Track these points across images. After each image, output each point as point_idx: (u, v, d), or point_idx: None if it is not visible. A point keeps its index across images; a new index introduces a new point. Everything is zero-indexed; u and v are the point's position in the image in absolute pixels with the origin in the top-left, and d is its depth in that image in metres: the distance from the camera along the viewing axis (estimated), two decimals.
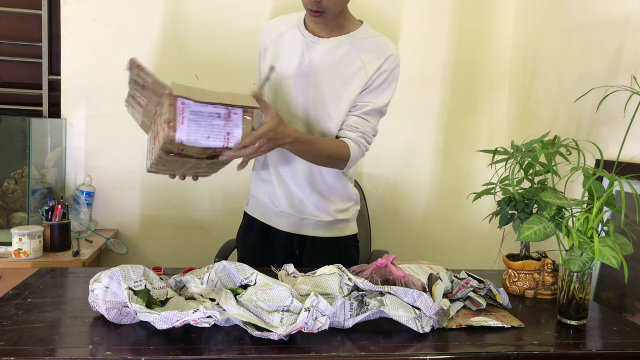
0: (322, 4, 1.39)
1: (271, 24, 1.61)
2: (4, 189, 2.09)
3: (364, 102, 1.50)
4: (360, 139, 1.50)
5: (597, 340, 1.10)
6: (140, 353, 0.93)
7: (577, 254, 1.10)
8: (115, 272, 1.04)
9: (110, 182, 2.20)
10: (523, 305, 1.29)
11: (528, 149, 1.24)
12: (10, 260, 1.74)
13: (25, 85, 2.28)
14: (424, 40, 2.31)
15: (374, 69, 1.49)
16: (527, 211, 1.28)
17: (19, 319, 1.05)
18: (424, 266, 1.52)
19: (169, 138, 1.12)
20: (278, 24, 1.58)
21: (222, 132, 1.16)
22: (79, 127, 2.17)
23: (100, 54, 2.14)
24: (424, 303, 1.07)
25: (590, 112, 1.74)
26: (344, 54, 1.49)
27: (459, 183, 2.40)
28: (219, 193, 2.26)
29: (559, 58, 1.98)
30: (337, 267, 1.14)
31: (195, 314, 0.96)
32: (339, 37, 1.50)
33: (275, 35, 1.56)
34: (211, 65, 2.20)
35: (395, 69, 1.52)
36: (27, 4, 2.23)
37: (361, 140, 1.51)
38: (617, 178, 1.12)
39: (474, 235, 2.43)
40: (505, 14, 2.35)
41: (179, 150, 1.15)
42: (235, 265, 1.12)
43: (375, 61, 1.49)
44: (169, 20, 2.17)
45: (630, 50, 1.60)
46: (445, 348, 1.01)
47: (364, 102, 1.50)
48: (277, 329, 0.97)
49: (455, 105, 2.37)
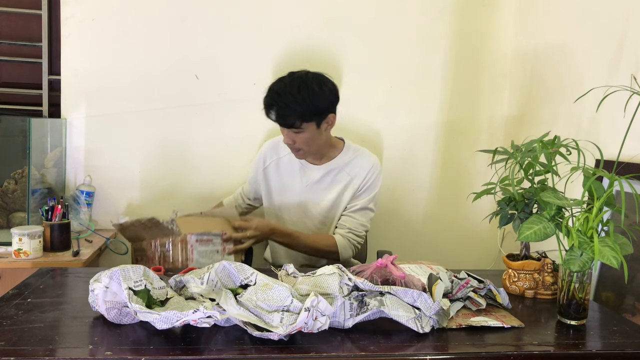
0: (295, 146, 1.74)
1: (271, 146, 1.95)
2: (4, 189, 2.09)
3: (352, 204, 1.84)
4: (349, 234, 1.81)
5: (597, 340, 1.10)
6: (140, 353, 0.93)
7: (577, 254, 1.10)
8: (115, 272, 1.05)
9: (110, 182, 2.20)
10: (523, 305, 1.29)
11: (528, 149, 1.24)
12: (10, 260, 1.74)
13: (25, 85, 2.28)
14: (424, 40, 2.31)
15: (360, 181, 1.83)
16: (527, 211, 1.28)
17: (19, 319, 1.05)
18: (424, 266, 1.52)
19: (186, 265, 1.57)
20: (276, 147, 1.92)
21: (219, 247, 1.62)
22: (79, 127, 2.17)
23: (100, 54, 2.14)
24: (424, 303, 1.07)
25: (590, 112, 1.74)
26: (334, 175, 1.84)
27: (459, 183, 2.40)
28: (219, 193, 2.26)
29: (559, 58, 1.98)
30: (337, 267, 1.14)
31: (195, 314, 0.96)
32: (329, 163, 1.85)
33: (276, 158, 1.91)
34: (211, 65, 2.20)
35: (378, 176, 1.86)
36: (27, 4, 2.23)
37: (350, 236, 1.81)
38: (617, 178, 1.12)
39: (474, 235, 2.43)
40: (505, 14, 2.35)
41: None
42: (235, 265, 1.12)
43: (361, 174, 1.83)
44: (169, 20, 2.16)
45: (630, 50, 1.60)
46: (445, 348, 1.01)
47: (352, 204, 1.84)
48: (277, 329, 0.97)
49: (455, 105, 2.37)
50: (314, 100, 1.68)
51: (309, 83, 1.69)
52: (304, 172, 1.87)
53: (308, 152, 1.80)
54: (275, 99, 1.69)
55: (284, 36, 2.22)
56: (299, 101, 1.67)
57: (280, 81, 1.73)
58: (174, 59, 2.18)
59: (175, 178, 2.23)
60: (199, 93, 2.21)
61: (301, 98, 1.67)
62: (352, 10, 2.26)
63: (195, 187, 2.25)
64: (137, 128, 2.20)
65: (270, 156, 1.93)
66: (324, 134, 1.78)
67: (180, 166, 2.23)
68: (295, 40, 2.23)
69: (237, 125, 2.24)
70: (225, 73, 2.21)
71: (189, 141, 2.22)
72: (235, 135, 2.24)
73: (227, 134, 2.24)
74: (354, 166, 1.85)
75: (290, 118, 1.68)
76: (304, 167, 1.87)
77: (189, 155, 2.23)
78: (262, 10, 2.21)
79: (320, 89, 1.70)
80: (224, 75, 2.21)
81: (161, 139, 2.21)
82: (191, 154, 2.23)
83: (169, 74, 2.19)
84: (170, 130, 2.21)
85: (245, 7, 2.20)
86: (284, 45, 2.23)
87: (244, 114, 2.23)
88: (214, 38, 2.19)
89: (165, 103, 2.19)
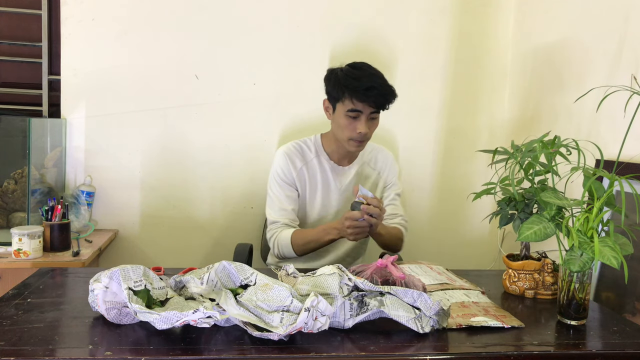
0: (368, 135, 1.71)
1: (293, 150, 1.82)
2: (4, 189, 2.09)
3: (387, 194, 1.89)
4: (402, 222, 1.85)
5: (597, 340, 1.10)
6: (140, 353, 0.92)
7: (577, 254, 1.10)
8: (115, 272, 1.04)
9: (110, 182, 2.20)
10: (523, 305, 1.29)
11: (528, 149, 1.24)
12: (10, 260, 1.74)
13: (25, 85, 2.28)
14: (424, 40, 2.31)
15: (386, 173, 1.90)
16: (527, 211, 1.28)
17: (19, 319, 1.05)
18: (424, 266, 1.52)
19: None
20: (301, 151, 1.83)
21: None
22: (79, 127, 2.17)
23: (100, 54, 2.14)
24: (424, 303, 1.06)
25: (590, 112, 1.74)
26: (363, 173, 1.87)
27: (459, 183, 2.40)
28: (219, 193, 2.26)
29: (559, 58, 1.98)
30: (337, 267, 1.14)
31: (195, 314, 0.96)
32: (355, 162, 1.86)
33: (304, 162, 1.82)
34: (211, 65, 2.20)
35: (395, 163, 1.94)
36: (27, 4, 2.23)
37: (403, 223, 1.85)
38: (617, 178, 1.12)
39: (474, 235, 2.43)
40: (505, 14, 2.35)
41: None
42: (235, 265, 1.12)
43: (386, 167, 1.90)
44: (169, 20, 2.16)
45: (630, 50, 1.60)
46: (445, 348, 1.01)
47: (387, 194, 1.89)
48: (277, 329, 0.97)
49: (455, 105, 2.37)
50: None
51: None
52: (336, 175, 1.83)
53: (364, 144, 1.77)
54: (376, 80, 1.67)
55: (283, 36, 2.22)
56: (390, 84, 1.70)
57: (363, 65, 1.73)
58: (174, 59, 2.18)
59: (175, 178, 2.23)
60: (199, 93, 2.21)
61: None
62: (352, 10, 2.26)
63: (196, 186, 2.25)
64: (137, 128, 2.20)
65: (299, 160, 1.81)
66: None
67: (181, 166, 2.23)
68: (294, 41, 2.23)
69: (237, 125, 2.24)
70: (225, 73, 2.21)
71: (189, 141, 2.22)
72: (235, 135, 2.24)
73: (227, 134, 2.24)
74: (376, 161, 1.90)
75: (390, 98, 1.68)
76: (334, 170, 1.83)
77: (189, 155, 2.23)
78: (262, 10, 2.21)
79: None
80: (224, 75, 2.21)
81: (161, 139, 2.21)
82: (191, 154, 2.23)
83: (169, 74, 2.19)
84: (170, 130, 2.21)
85: (245, 7, 2.20)
86: (284, 45, 2.23)
87: (244, 114, 2.24)
88: (214, 38, 2.19)
89: (165, 103, 2.19)
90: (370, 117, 1.69)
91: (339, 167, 1.84)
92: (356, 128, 1.68)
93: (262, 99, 2.23)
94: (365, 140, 1.73)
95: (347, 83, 1.66)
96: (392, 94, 1.69)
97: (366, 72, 1.69)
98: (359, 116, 1.68)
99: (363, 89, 1.64)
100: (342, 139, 1.73)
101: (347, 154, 1.82)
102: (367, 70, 1.71)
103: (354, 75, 1.67)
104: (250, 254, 2.01)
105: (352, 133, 1.69)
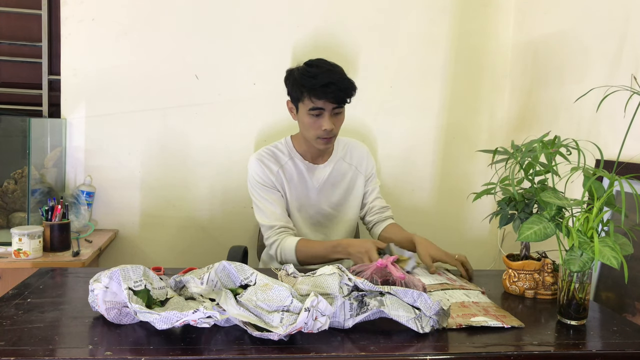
0: (334, 131, 1.70)
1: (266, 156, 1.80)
2: (4, 189, 2.09)
3: (368, 189, 1.91)
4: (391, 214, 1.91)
5: (597, 340, 1.10)
6: (140, 353, 0.93)
7: (577, 254, 1.10)
8: (115, 272, 1.04)
9: (110, 182, 2.20)
10: (523, 305, 1.29)
11: (528, 149, 1.24)
12: (10, 260, 1.74)
13: (25, 85, 2.28)
14: (424, 40, 2.31)
15: (364, 166, 1.90)
16: (527, 211, 1.28)
17: (19, 319, 1.05)
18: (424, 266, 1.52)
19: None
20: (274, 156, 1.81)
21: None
22: (79, 127, 2.17)
23: (100, 54, 2.14)
24: (424, 303, 1.06)
25: (590, 112, 1.74)
26: (339, 169, 1.86)
27: (459, 183, 2.40)
28: (219, 193, 2.26)
29: (559, 58, 1.98)
30: (337, 267, 1.14)
31: (195, 314, 0.96)
32: (330, 159, 1.85)
33: (279, 166, 1.80)
34: (211, 65, 2.20)
35: (371, 156, 1.94)
36: (27, 4, 2.23)
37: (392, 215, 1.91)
38: (617, 178, 1.12)
39: (474, 235, 2.43)
40: (505, 14, 2.35)
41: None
42: (235, 265, 1.12)
43: (363, 162, 1.90)
44: (169, 20, 2.16)
45: (630, 50, 1.60)
46: (445, 348, 1.01)
47: (369, 189, 1.91)
48: (277, 329, 0.97)
49: (455, 105, 2.37)
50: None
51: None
52: (312, 174, 1.82)
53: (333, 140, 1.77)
54: (333, 75, 1.66)
55: (283, 36, 2.22)
56: (348, 77, 1.70)
57: (319, 62, 1.72)
58: (174, 59, 2.18)
59: (175, 178, 2.23)
60: (199, 93, 2.21)
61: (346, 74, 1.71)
62: (352, 10, 2.26)
63: (196, 186, 2.25)
64: (137, 128, 2.20)
65: (274, 164, 1.80)
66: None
67: (180, 166, 2.23)
68: (294, 41, 2.23)
69: (237, 125, 2.24)
70: (225, 73, 2.21)
71: (189, 141, 2.22)
72: (235, 135, 2.24)
73: (227, 134, 2.24)
74: (352, 156, 1.89)
75: (350, 92, 1.68)
76: (310, 169, 1.82)
77: (189, 155, 2.23)
78: (262, 10, 2.21)
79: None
80: (224, 75, 2.21)
81: (161, 139, 2.21)
82: (191, 153, 2.23)
83: (169, 74, 2.19)
84: (170, 130, 2.21)
85: (245, 6, 2.20)
86: (284, 45, 2.23)
87: (244, 114, 2.24)
88: (214, 38, 2.19)
89: (165, 103, 2.19)
90: (333, 112, 1.68)
91: (314, 166, 1.83)
92: (321, 125, 1.68)
93: (262, 99, 2.23)
94: (332, 136, 1.72)
95: (305, 82, 1.65)
96: (351, 87, 1.68)
97: (322, 69, 1.67)
98: (321, 113, 1.67)
99: (320, 86, 1.63)
100: (310, 138, 1.73)
101: (318, 152, 1.80)
102: (323, 66, 1.69)
103: (310, 73, 1.66)
104: (245, 255, 2.00)
105: (318, 131, 1.69)
